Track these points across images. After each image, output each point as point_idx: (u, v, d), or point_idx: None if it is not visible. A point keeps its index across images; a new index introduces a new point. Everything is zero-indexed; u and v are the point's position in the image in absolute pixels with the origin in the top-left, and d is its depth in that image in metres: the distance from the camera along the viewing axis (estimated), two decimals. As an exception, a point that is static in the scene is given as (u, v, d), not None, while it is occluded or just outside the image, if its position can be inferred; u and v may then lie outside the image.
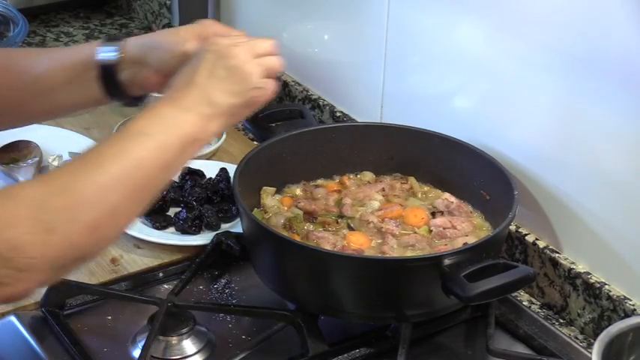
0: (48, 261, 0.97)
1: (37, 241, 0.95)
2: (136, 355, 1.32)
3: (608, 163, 1.36)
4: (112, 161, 1.03)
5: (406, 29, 1.64)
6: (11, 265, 0.94)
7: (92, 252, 1.03)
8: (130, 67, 1.26)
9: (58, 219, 0.97)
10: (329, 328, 1.35)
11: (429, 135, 1.53)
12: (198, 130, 1.11)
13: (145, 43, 1.27)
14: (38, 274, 0.97)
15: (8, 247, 0.94)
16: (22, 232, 0.95)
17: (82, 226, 0.99)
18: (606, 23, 1.29)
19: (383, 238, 1.40)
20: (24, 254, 0.95)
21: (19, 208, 0.96)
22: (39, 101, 1.30)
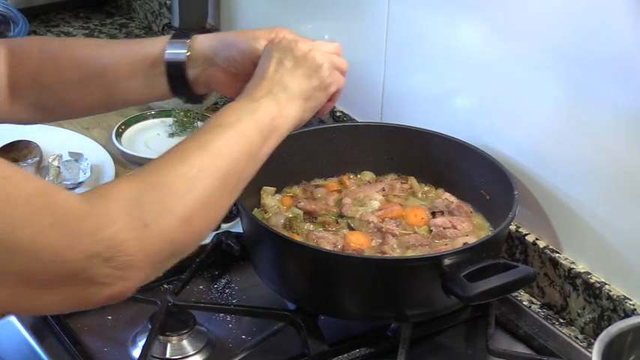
0: (145, 257, 0.96)
1: (134, 238, 0.95)
2: (136, 355, 1.32)
3: (608, 162, 1.36)
4: (195, 153, 1.05)
5: (406, 29, 1.64)
6: (111, 265, 0.94)
7: (187, 245, 1.03)
8: (198, 65, 1.28)
9: (151, 214, 0.97)
10: (329, 328, 1.35)
11: (429, 135, 1.53)
12: (275, 115, 1.13)
13: (216, 42, 1.28)
14: (137, 271, 0.96)
15: (107, 246, 0.93)
16: (119, 230, 0.94)
17: (175, 219, 0.99)
18: (606, 23, 1.29)
19: (383, 238, 1.40)
20: (123, 252, 0.94)
21: (113, 206, 0.96)
22: (98, 94, 1.31)
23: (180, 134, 1.88)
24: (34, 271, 0.91)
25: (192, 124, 1.89)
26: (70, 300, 0.95)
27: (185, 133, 1.88)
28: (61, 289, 0.94)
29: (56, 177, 1.69)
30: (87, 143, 1.80)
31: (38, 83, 1.30)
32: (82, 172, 1.70)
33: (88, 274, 0.93)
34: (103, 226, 0.94)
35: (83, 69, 1.30)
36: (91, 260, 0.93)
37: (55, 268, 0.92)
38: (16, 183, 0.91)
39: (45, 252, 0.91)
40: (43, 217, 0.91)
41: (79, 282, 0.93)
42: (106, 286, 0.95)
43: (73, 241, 0.92)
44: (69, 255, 0.92)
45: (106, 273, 0.94)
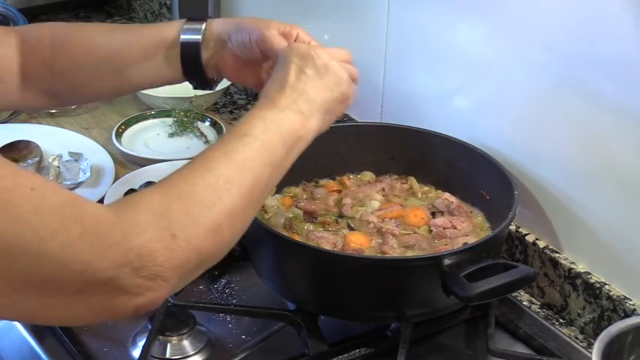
0: (174, 267, 0.96)
1: (162, 248, 0.95)
2: (136, 355, 1.32)
3: (608, 163, 1.36)
4: (221, 164, 1.05)
5: (406, 29, 1.64)
6: (141, 274, 0.94)
7: (214, 255, 1.03)
8: (211, 47, 1.29)
9: (179, 224, 0.97)
10: (329, 328, 1.35)
11: (429, 135, 1.53)
12: (298, 127, 1.14)
13: (230, 25, 1.29)
14: (165, 281, 0.96)
15: (136, 256, 0.93)
16: (147, 240, 0.94)
17: (202, 229, 0.99)
18: (606, 23, 1.29)
19: (383, 238, 1.40)
20: (152, 262, 0.94)
21: (141, 216, 0.96)
22: (109, 79, 1.31)
23: (180, 134, 1.88)
24: (63, 281, 0.91)
25: (192, 124, 1.89)
26: (98, 310, 0.95)
27: (185, 133, 1.88)
28: (89, 299, 0.93)
29: (56, 177, 1.69)
30: (87, 143, 1.80)
31: (51, 70, 1.31)
32: (81, 172, 1.70)
33: (117, 283, 0.93)
34: (132, 236, 0.94)
35: (96, 54, 1.30)
36: (120, 270, 0.93)
37: (84, 278, 0.92)
38: (44, 194, 0.90)
39: (74, 261, 0.91)
40: (72, 227, 0.91)
41: (108, 291, 0.93)
42: (135, 296, 0.95)
43: (102, 250, 0.92)
44: (98, 264, 0.92)
45: (135, 283, 0.94)
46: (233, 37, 1.28)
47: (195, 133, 1.88)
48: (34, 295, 0.92)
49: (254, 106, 1.16)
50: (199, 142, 1.86)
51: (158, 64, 1.30)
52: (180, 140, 1.88)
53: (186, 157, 1.77)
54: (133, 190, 1.62)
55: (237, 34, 1.28)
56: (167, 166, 1.72)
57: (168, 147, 1.85)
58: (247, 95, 2.09)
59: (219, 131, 1.87)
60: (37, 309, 0.94)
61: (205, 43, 1.29)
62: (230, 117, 1.98)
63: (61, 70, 1.30)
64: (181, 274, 0.98)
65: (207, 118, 1.90)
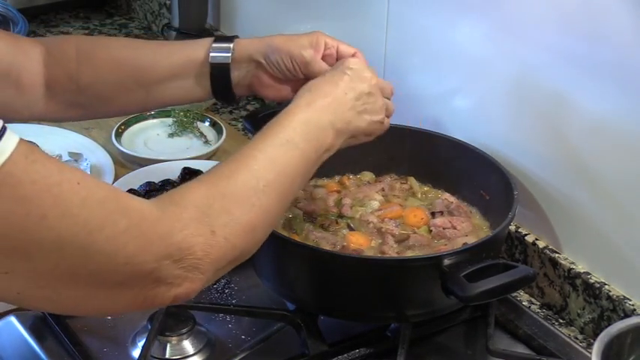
0: (211, 261, 1.00)
1: (202, 242, 0.99)
2: (136, 355, 1.32)
3: (608, 163, 1.36)
4: (264, 167, 1.09)
5: (406, 29, 1.64)
6: (180, 266, 0.97)
7: (247, 253, 1.07)
8: (242, 67, 1.33)
9: (220, 222, 1.02)
10: (329, 328, 1.35)
11: (429, 135, 1.53)
12: (330, 142, 1.20)
13: (262, 46, 1.33)
14: (202, 274, 1.00)
15: (178, 249, 0.97)
16: (189, 235, 0.98)
17: (240, 228, 1.04)
18: (606, 23, 1.29)
19: (382, 238, 1.40)
20: (191, 255, 0.98)
21: (184, 212, 1.00)
22: (134, 95, 1.34)
23: (179, 134, 1.88)
24: (108, 273, 0.94)
25: (192, 124, 1.89)
26: (138, 300, 0.98)
27: (185, 133, 1.88)
28: (131, 290, 0.96)
29: (56, 177, 1.69)
30: (86, 143, 1.80)
31: (75, 83, 1.32)
32: (81, 172, 1.70)
33: (158, 274, 0.96)
34: (175, 231, 0.97)
35: (123, 70, 1.32)
36: (162, 262, 0.96)
37: (129, 270, 0.94)
38: (89, 187, 0.92)
39: (120, 254, 0.93)
40: (118, 220, 0.93)
41: (149, 282, 0.96)
42: (173, 287, 0.98)
43: (146, 243, 0.95)
44: (142, 257, 0.95)
45: (175, 274, 0.97)
46: (269, 58, 1.32)
47: (194, 133, 1.88)
48: (79, 288, 0.94)
49: (299, 98, 1.20)
50: (199, 142, 1.86)
51: (186, 83, 1.33)
52: (180, 140, 1.88)
53: (186, 157, 1.77)
54: (133, 190, 1.62)
55: (273, 55, 1.31)
56: (167, 166, 1.73)
57: (168, 147, 1.85)
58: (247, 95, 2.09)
59: (218, 131, 1.87)
60: (80, 301, 0.96)
61: (236, 63, 1.32)
62: (230, 117, 1.97)
63: (85, 83, 1.32)
64: (217, 268, 1.02)
65: (207, 118, 1.90)
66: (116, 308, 1.01)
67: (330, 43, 1.32)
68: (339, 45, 1.33)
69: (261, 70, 1.33)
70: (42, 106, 1.33)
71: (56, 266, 0.91)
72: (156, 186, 1.64)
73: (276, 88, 1.34)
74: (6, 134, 0.85)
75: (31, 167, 0.87)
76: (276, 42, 1.32)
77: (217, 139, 1.84)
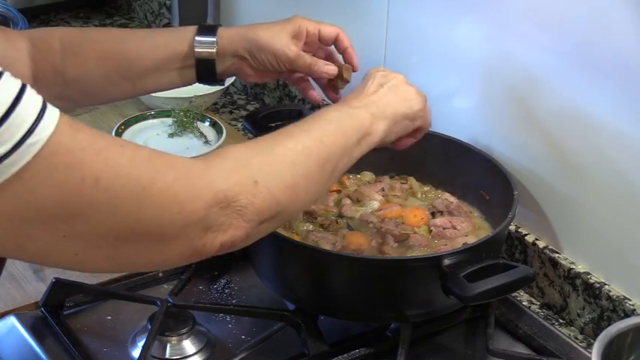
0: (254, 210, 1.03)
1: (246, 191, 1.03)
2: (136, 355, 1.32)
3: (608, 163, 1.36)
4: (300, 134, 1.13)
5: (406, 29, 1.64)
6: (226, 212, 1.01)
7: (290, 210, 1.11)
8: (227, 60, 1.37)
9: (261, 174, 1.05)
10: (329, 328, 1.35)
11: (429, 135, 1.52)
12: (368, 124, 1.22)
13: (246, 41, 1.36)
14: (246, 222, 1.03)
15: (224, 197, 1.01)
16: (233, 184, 1.02)
17: (281, 182, 1.07)
18: (606, 23, 1.29)
19: (383, 238, 1.40)
20: (236, 202, 1.02)
21: (226, 163, 1.05)
22: (123, 86, 1.36)
23: (179, 134, 1.88)
24: (161, 224, 0.97)
25: (192, 124, 1.89)
26: (188, 250, 1.01)
27: (185, 133, 1.88)
28: (182, 240, 1.00)
29: (56, 177, 1.69)
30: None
31: (62, 77, 1.33)
32: (81, 172, 1.70)
33: (207, 221, 1.00)
34: (220, 180, 1.02)
35: (108, 64, 1.34)
36: (210, 209, 1.00)
37: (182, 218, 0.98)
38: (133, 148, 0.97)
39: (172, 204, 0.97)
40: (167, 173, 0.97)
41: (199, 230, 1.00)
42: (220, 233, 1.01)
43: (195, 192, 0.99)
44: (193, 205, 0.98)
45: (221, 221, 1.01)
46: (255, 55, 1.35)
47: (194, 133, 1.88)
48: (135, 243, 0.97)
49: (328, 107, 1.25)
50: (199, 142, 1.86)
51: (171, 74, 1.36)
52: (180, 140, 1.88)
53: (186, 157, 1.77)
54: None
55: (257, 53, 1.35)
56: (167, 166, 1.72)
57: (168, 147, 1.85)
58: (247, 95, 2.09)
59: (218, 131, 1.86)
60: (136, 256, 1.00)
61: (220, 57, 1.36)
62: (230, 117, 1.97)
63: (71, 77, 1.33)
64: (260, 220, 1.05)
65: (207, 118, 1.90)
66: (169, 260, 1.03)
67: (312, 29, 1.37)
68: (321, 28, 1.38)
69: (246, 62, 1.36)
70: None
71: (114, 225, 0.94)
72: (156, 186, 1.64)
73: (260, 76, 1.39)
74: (48, 109, 0.89)
75: (77, 135, 0.91)
76: (260, 40, 1.35)
77: (217, 139, 1.84)
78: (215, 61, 1.35)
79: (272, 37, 1.35)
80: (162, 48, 1.35)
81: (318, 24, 1.38)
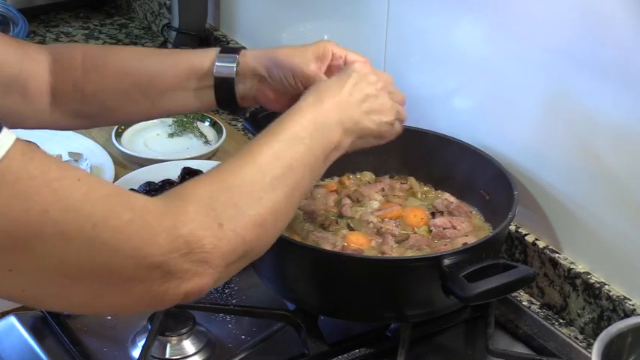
0: (220, 255, 1.00)
1: (210, 235, 0.99)
2: (136, 355, 1.32)
3: (608, 163, 1.36)
4: (269, 161, 1.09)
5: (406, 29, 1.64)
6: (190, 259, 0.97)
7: (258, 248, 1.07)
8: (247, 81, 1.32)
9: (226, 214, 1.01)
10: (329, 328, 1.35)
11: (429, 135, 1.53)
12: (338, 141, 1.19)
13: (266, 60, 1.31)
14: (212, 268, 0.99)
15: (185, 242, 0.97)
16: (196, 228, 0.98)
17: (248, 221, 1.03)
18: (606, 23, 1.29)
19: (382, 238, 1.40)
20: (200, 248, 0.98)
21: (189, 205, 1.00)
22: (139, 104, 1.33)
23: (179, 134, 1.88)
24: (115, 266, 0.94)
25: (192, 124, 1.89)
26: (148, 297, 0.97)
27: (185, 133, 1.88)
28: (140, 286, 0.96)
29: (56, 177, 1.69)
30: (86, 143, 1.80)
31: (81, 92, 1.32)
32: (81, 172, 1.70)
33: (166, 268, 0.96)
34: (181, 224, 0.97)
35: (128, 79, 1.32)
36: (169, 255, 0.96)
37: (136, 263, 0.94)
38: (91, 183, 0.93)
39: (125, 246, 0.93)
40: (122, 213, 0.94)
41: (158, 277, 0.96)
42: (183, 282, 0.98)
43: (152, 236, 0.95)
44: (148, 249, 0.95)
45: (184, 268, 0.97)
46: (272, 73, 1.30)
47: (194, 133, 1.88)
48: (86, 284, 0.94)
49: (305, 98, 1.19)
50: (199, 142, 1.86)
51: (191, 94, 1.32)
52: (180, 140, 1.88)
53: (186, 157, 1.77)
54: (132, 190, 1.62)
55: (276, 70, 1.30)
56: (167, 166, 1.73)
57: (168, 147, 1.85)
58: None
59: (218, 131, 1.87)
60: (89, 298, 0.96)
61: (240, 77, 1.31)
62: (230, 117, 1.97)
63: (91, 92, 1.32)
64: (227, 263, 1.01)
65: (207, 118, 1.90)
66: (126, 305, 1.00)
67: (338, 53, 1.31)
68: (348, 54, 1.31)
69: (265, 84, 1.32)
70: (48, 115, 1.32)
71: (61, 262, 0.91)
72: (156, 186, 1.64)
73: (282, 101, 1.32)
74: (2, 133, 0.87)
75: (28, 164, 0.88)
76: (280, 57, 1.30)
77: (217, 139, 1.84)
78: (234, 80, 1.31)
79: (292, 54, 1.30)
80: (183, 65, 1.32)
81: (345, 50, 1.32)
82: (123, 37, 2.30)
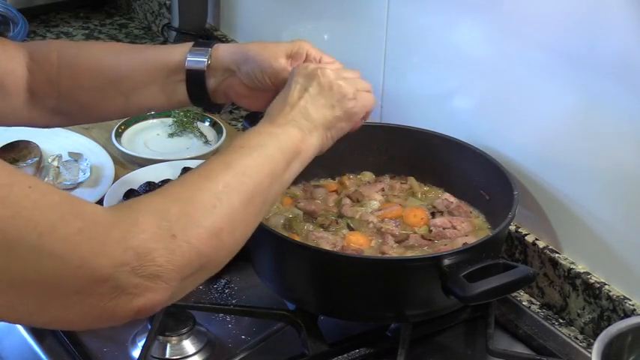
0: (174, 268, 0.96)
1: (162, 248, 0.95)
2: (136, 355, 1.32)
3: (608, 163, 1.36)
4: (219, 172, 1.06)
5: (406, 29, 1.64)
6: (140, 274, 0.93)
7: (216, 260, 1.03)
8: (218, 75, 1.31)
9: (179, 225, 0.98)
10: (329, 328, 1.35)
11: (429, 135, 1.53)
12: (298, 142, 1.16)
13: (238, 55, 1.30)
14: (166, 283, 0.95)
15: (135, 255, 0.93)
16: (147, 239, 0.94)
17: (202, 231, 0.99)
18: (606, 23, 1.29)
19: (382, 238, 1.40)
20: (151, 262, 0.94)
21: (140, 217, 0.96)
22: (116, 101, 1.33)
23: (179, 134, 1.88)
24: (61, 277, 0.91)
25: (192, 124, 1.89)
26: (96, 312, 0.94)
27: (185, 133, 1.88)
28: (88, 300, 0.93)
29: (56, 177, 1.69)
30: (86, 143, 1.80)
31: (57, 89, 1.32)
32: (81, 173, 1.70)
33: (115, 282, 0.93)
34: (131, 235, 0.94)
35: (102, 76, 1.31)
36: (119, 268, 0.92)
37: (82, 274, 0.91)
38: (42, 191, 0.91)
39: (73, 257, 0.91)
40: (72, 222, 0.91)
41: (107, 291, 0.93)
42: (134, 297, 0.94)
43: (100, 247, 0.92)
44: (96, 261, 0.92)
45: (134, 283, 0.93)
46: (242, 68, 1.29)
47: (194, 133, 1.88)
48: (32, 294, 0.91)
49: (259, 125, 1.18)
50: (199, 142, 1.86)
51: (163, 88, 1.31)
52: (180, 140, 1.88)
53: (186, 157, 1.77)
54: (132, 190, 1.62)
55: (245, 65, 1.29)
56: (167, 166, 1.73)
57: (168, 147, 1.85)
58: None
59: (218, 131, 1.87)
60: (35, 309, 0.93)
61: (212, 71, 1.30)
62: (230, 117, 1.97)
63: (66, 90, 1.31)
64: (182, 277, 0.97)
65: (207, 118, 1.90)
66: (73, 319, 0.95)
67: (313, 55, 1.29)
68: (322, 57, 1.30)
69: (236, 79, 1.30)
70: (25, 113, 1.32)
71: (7, 270, 0.89)
72: (156, 186, 1.64)
73: (253, 98, 1.31)
74: None
75: None
76: (250, 52, 1.29)
77: (217, 139, 1.84)
78: (205, 74, 1.29)
79: (263, 49, 1.29)
80: (155, 60, 1.31)
81: (321, 53, 1.29)
82: (123, 37, 2.30)
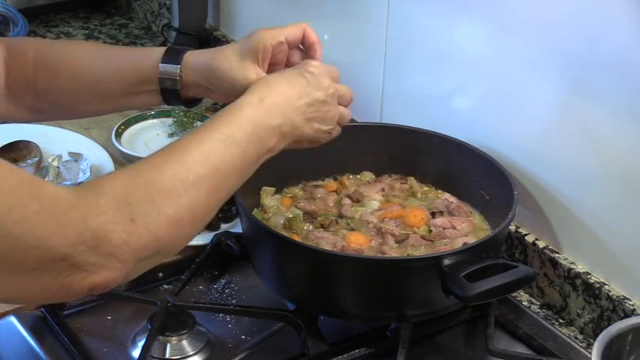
0: (130, 250, 0.98)
1: (120, 230, 0.97)
2: (136, 355, 1.32)
3: (607, 163, 1.36)
4: (196, 161, 1.07)
5: (406, 29, 1.64)
6: (96, 253, 0.96)
7: (173, 246, 1.05)
8: (190, 87, 1.30)
9: (140, 210, 0.99)
10: (329, 328, 1.35)
11: (429, 135, 1.53)
12: (273, 145, 1.18)
13: (206, 71, 1.28)
14: (121, 263, 0.98)
15: (93, 236, 0.95)
16: (106, 221, 0.97)
17: (163, 218, 1.01)
18: (606, 23, 1.29)
19: (383, 238, 1.40)
20: (108, 242, 0.96)
21: (101, 198, 0.98)
22: (92, 103, 1.33)
23: (179, 134, 1.88)
24: (18, 256, 0.93)
25: (192, 124, 1.89)
26: (53, 288, 0.96)
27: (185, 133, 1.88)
28: (45, 277, 0.95)
29: (56, 177, 1.69)
30: (86, 143, 1.80)
31: (33, 88, 1.32)
32: (81, 173, 1.70)
33: (72, 260, 0.95)
34: (90, 217, 0.96)
35: (78, 80, 1.31)
36: (76, 247, 0.95)
37: (39, 253, 0.93)
38: (3, 174, 0.93)
39: (29, 237, 0.93)
40: (29, 204, 0.93)
41: (63, 269, 0.95)
42: (90, 274, 0.96)
43: (58, 228, 0.94)
44: (53, 241, 0.94)
45: (90, 261, 0.96)
46: (216, 85, 1.28)
47: (195, 133, 1.88)
48: None
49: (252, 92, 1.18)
50: (199, 142, 1.85)
51: (138, 97, 1.32)
52: (180, 140, 1.87)
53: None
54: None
55: (217, 82, 1.28)
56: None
57: (168, 147, 1.85)
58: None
59: (219, 131, 1.86)
60: None
61: (184, 87, 1.30)
62: (230, 117, 1.97)
63: (42, 89, 1.31)
64: (138, 259, 1.00)
65: (207, 117, 1.90)
66: (31, 295, 0.98)
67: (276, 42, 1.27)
68: (287, 35, 1.28)
69: (212, 93, 1.31)
70: (4, 108, 1.32)
71: None
72: (156, 186, 1.64)
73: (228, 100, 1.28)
74: None
75: None
76: (218, 70, 1.27)
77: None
78: (179, 90, 1.30)
79: (230, 67, 1.27)
80: (127, 72, 1.31)
81: (281, 31, 1.27)
82: (123, 37, 2.30)
